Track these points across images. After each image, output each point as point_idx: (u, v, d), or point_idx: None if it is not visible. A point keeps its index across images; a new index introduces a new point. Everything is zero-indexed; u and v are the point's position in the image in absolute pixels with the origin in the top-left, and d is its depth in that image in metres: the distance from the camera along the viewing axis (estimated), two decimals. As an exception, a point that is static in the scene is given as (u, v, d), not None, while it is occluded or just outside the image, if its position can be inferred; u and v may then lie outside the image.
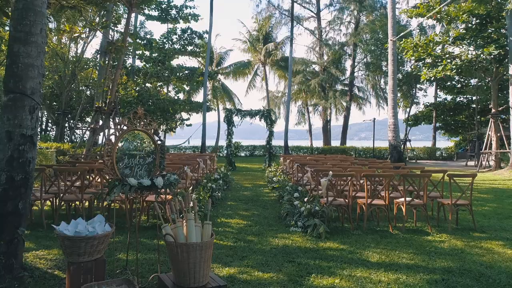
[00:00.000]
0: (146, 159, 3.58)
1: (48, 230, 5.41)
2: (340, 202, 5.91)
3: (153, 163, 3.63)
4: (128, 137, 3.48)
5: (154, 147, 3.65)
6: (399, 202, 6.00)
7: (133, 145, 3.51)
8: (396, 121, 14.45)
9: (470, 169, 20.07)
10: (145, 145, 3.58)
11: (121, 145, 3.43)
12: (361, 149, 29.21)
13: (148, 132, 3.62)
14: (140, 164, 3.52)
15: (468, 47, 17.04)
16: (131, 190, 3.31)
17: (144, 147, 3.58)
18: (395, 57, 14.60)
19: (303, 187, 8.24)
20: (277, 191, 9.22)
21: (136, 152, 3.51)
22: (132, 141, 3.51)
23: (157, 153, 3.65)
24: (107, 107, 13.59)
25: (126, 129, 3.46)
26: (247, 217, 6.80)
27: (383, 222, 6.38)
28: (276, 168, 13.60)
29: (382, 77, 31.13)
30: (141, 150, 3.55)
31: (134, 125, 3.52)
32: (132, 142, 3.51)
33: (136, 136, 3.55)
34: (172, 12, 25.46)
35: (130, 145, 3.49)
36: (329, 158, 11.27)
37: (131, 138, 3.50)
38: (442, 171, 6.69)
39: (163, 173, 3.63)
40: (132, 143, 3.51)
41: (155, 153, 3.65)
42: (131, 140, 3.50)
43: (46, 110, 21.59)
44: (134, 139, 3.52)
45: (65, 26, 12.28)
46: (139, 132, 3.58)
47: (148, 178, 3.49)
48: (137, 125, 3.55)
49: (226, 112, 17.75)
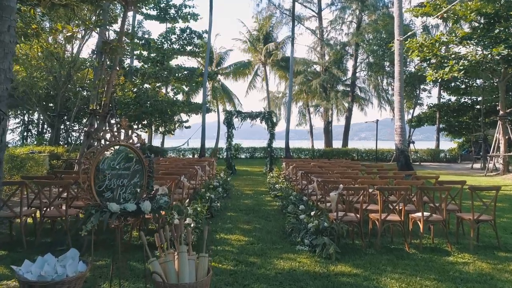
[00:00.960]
0: (132, 179, 3.04)
1: (29, 251, 4.88)
2: (351, 218, 5.37)
3: (139, 183, 3.10)
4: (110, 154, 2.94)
5: (141, 164, 3.11)
6: (416, 217, 5.46)
7: (116, 163, 2.97)
8: (403, 124, 13.91)
9: (476, 172, 19.54)
10: (131, 163, 3.04)
11: (101, 163, 2.89)
12: (363, 151, 28.65)
13: (134, 147, 3.08)
14: (124, 186, 2.98)
15: (476, 47, 16.49)
16: (113, 217, 2.77)
17: (129, 165, 3.04)
18: (401, 57, 14.05)
19: (308, 197, 7.72)
20: (280, 199, 8.69)
21: (120, 171, 2.97)
22: (115, 158, 2.96)
23: (144, 171, 3.11)
24: (102, 110, 13.06)
25: (107, 144, 2.92)
26: (249, 231, 6.26)
27: (397, 238, 5.84)
28: (278, 174, 13.06)
29: (384, 77, 30.57)
30: (125, 168, 3.01)
31: (117, 138, 2.98)
32: (115, 159, 2.96)
33: (119, 152, 3.01)
34: (171, 11, 24.92)
35: (111, 163, 2.95)
36: (334, 164, 10.73)
37: (113, 154, 2.96)
38: (460, 182, 6.16)
39: (151, 195, 3.09)
40: (115, 160, 2.97)
41: (142, 172, 3.11)
42: (113, 157, 2.95)
43: (40, 111, 21.03)
44: (117, 156, 2.97)
45: (57, 25, 11.72)
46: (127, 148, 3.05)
47: (133, 202, 2.95)
48: (120, 139, 3.01)
49: (226, 114, 17.20)
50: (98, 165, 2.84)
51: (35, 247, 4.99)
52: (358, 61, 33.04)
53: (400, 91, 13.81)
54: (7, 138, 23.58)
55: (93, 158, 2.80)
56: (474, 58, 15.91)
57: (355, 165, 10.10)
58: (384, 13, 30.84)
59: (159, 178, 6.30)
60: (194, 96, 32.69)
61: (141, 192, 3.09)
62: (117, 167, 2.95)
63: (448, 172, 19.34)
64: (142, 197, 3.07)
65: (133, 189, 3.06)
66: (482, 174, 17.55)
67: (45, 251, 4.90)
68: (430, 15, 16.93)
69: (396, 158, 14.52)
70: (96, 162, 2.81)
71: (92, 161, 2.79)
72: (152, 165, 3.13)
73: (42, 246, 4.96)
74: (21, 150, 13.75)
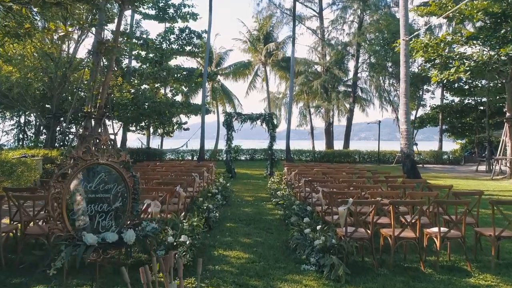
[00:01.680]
0: (113, 203, 2.59)
1: (7, 267, 4.42)
2: (361, 234, 4.92)
3: (122, 208, 2.64)
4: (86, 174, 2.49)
5: (124, 185, 2.66)
6: (432, 233, 5.01)
7: (94, 185, 2.52)
8: (409, 127, 13.44)
9: (481, 175, 19.10)
10: (112, 184, 2.59)
11: (76, 185, 2.44)
12: (365, 153, 28.19)
13: (116, 166, 2.63)
14: (103, 212, 2.53)
15: (482, 48, 16.03)
16: (88, 251, 2.32)
17: (110, 187, 2.59)
18: (407, 58, 13.57)
19: (312, 207, 7.27)
20: (282, 208, 8.24)
21: (98, 194, 2.52)
22: (92, 180, 2.51)
23: (128, 193, 2.65)
24: (97, 112, 12.61)
25: (83, 164, 2.47)
26: (250, 246, 5.81)
27: (411, 254, 5.39)
28: (279, 179, 12.60)
29: (386, 78, 30.11)
30: (105, 191, 2.55)
31: (95, 157, 2.53)
32: (92, 180, 2.51)
33: (98, 172, 2.56)
34: (170, 11, 24.49)
35: (89, 186, 2.50)
36: (338, 170, 10.27)
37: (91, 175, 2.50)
38: (477, 192, 5.71)
39: (136, 221, 2.64)
40: (92, 182, 2.52)
41: (125, 194, 2.65)
42: (91, 178, 2.50)
43: (35, 113, 20.58)
44: (95, 176, 2.52)
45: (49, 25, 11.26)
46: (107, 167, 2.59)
47: (115, 230, 2.50)
48: (100, 156, 2.55)
49: (225, 116, 16.74)
50: (72, 188, 2.39)
51: (15, 266, 4.55)
52: (359, 61, 32.61)
53: (406, 93, 13.35)
54: (2, 141, 23.16)
55: (65, 181, 2.35)
56: (481, 59, 15.46)
57: (361, 171, 9.65)
58: (386, 12, 30.40)
59: (153, 189, 5.86)
60: (193, 96, 32.23)
61: (125, 218, 2.64)
62: (95, 190, 2.50)
63: (453, 175, 18.91)
64: (125, 224, 2.62)
65: (115, 214, 2.61)
66: (489, 178, 17.10)
67: (25, 272, 4.46)
68: (435, 15, 16.48)
69: (402, 162, 14.06)
70: (69, 185, 2.37)
71: (64, 184, 2.35)
72: (137, 186, 2.68)
73: (23, 266, 4.52)
74: (13, 153, 13.30)
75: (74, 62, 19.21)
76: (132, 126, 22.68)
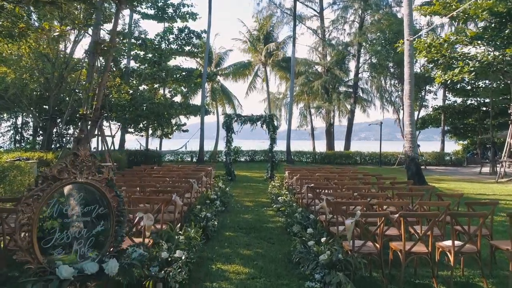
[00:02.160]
0: (93, 228, 2.26)
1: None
2: (369, 248, 4.59)
3: (104, 233, 2.31)
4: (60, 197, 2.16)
5: (107, 206, 2.33)
6: (445, 247, 4.68)
7: (70, 208, 2.19)
8: (413, 130, 13.10)
9: (485, 177, 18.76)
10: (92, 206, 2.26)
11: (49, 208, 2.11)
12: (366, 154, 27.86)
13: (97, 184, 2.30)
14: (82, 238, 2.20)
15: (487, 48, 15.71)
16: (63, 286, 1.99)
17: (91, 209, 2.26)
18: (412, 59, 13.21)
19: (315, 215, 6.93)
20: (284, 215, 7.92)
21: (76, 218, 2.19)
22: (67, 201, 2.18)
23: (111, 216, 2.32)
24: (93, 114, 12.30)
25: (59, 184, 2.14)
26: (250, 259, 5.48)
27: (422, 269, 5.06)
28: (279, 183, 12.27)
29: (388, 78, 29.77)
30: (84, 214, 2.22)
31: (72, 175, 2.20)
32: (67, 201, 2.18)
33: (76, 193, 2.22)
34: (169, 10, 24.15)
35: (64, 209, 2.17)
36: (342, 174, 9.93)
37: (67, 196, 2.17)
38: (492, 202, 5.38)
39: (120, 248, 2.31)
40: (69, 205, 2.19)
41: (108, 217, 2.32)
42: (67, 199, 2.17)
43: (31, 114, 20.25)
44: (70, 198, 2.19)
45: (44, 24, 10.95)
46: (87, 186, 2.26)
47: (96, 259, 2.17)
48: (79, 174, 2.22)
49: (225, 118, 16.39)
50: (44, 212, 2.06)
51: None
52: (360, 61, 32.29)
53: (411, 95, 13.00)
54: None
55: (36, 203, 2.02)
56: (486, 59, 15.14)
57: (365, 177, 9.31)
58: (387, 12, 30.08)
59: (147, 199, 5.53)
60: (192, 97, 31.90)
61: (107, 244, 2.31)
62: (73, 213, 2.17)
63: (457, 178, 18.58)
64: (108, 252, 2.29)
65: (96, 240, 2.27)
66: (493, 181, 16.76)
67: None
68: (439, 14, 16.16)
69: (407, 166, 13.73)
70: (40, 209, 2.04)
71: (35, 208, 2.02)
72: (122, 207, 2.36)
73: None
74: (7, 156, 12.96)
75: (71, 62, 18.89)
76: (130, 127, 22.35)
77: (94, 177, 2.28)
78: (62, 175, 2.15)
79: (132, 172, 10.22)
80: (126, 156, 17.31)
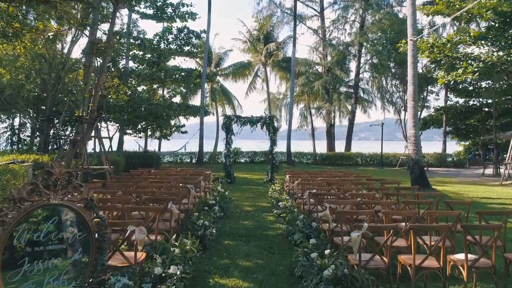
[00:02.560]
0: (70, 257, 1.98)
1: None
2: (377, 263, 4.31)
3: (83, 261, 2.03)
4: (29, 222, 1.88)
5: (85, 230, 2.05)
6: (457, 261, 4.40)
7: (42, 234, 1.91)
8: (417, 132, 12.81)
9: (489, 179, 18.49)
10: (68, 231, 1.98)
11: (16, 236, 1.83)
12: (367, 155, 27.59)
13: (74, 206, 2.01)
14: (55, 269, 1.91)
15: (491, 48, 15.43)
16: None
17: (66, 235, 1.97)
18: (415, 59, 12.92)
19: (318, 222, 6.65)
20: (285, 221, 7.63)
21: (48, 246, 1.91)
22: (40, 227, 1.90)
23: (91, 242, 2.04)
24: (89, 116, 12.00)
25: (27, 206, 1.85)
26: (249, 271, 5.19)
27: (432, 283, 4.77)
28: (280, 186, 11.98)
29: (389, 79, 29.48)
30: (58, 241, 1.94)
31: (45, 196, 1.91)
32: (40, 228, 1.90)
33: (49, 217, 1.94)
34: (168, 10, 23.83)
35: (34, 235, 1.89)
36: (344, 179, 9.64)
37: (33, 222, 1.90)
38: (506, 212, 5.10)
39: (101, 278, 2.03)
40: (40, 231, 1.91)
41: (87, 243, 2.04)
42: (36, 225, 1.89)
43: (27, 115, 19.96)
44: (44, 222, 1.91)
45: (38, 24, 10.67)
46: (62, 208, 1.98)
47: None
48: (52, 195, 1.94)
49: (224, 119, 16.11)
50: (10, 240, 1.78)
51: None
52: (361, 61, 32.02)
53: (414, 96, 12.71)
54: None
55: (3, 230, 1.74)
56: (490, 59, 14.85)
57: (369, 181, 9.03)
58: (388, 12, 29.80)
59: (141, 209, 5.25)
60: (192, 98, 31.62)
61: (86, 275, 2.03)
62: (45, 241, 1.89)
63: (460, 180, 18.31)
64: (87, 283, 2.01)
65: (74, 272, 1.99)
66: (497, 183, 16.47)
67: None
68: (442, 14, 15.87)
69: (410, 169, 13.45)
70: (6, 236, 1.75)
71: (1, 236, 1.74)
72: (103, 231, 2.07)
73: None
74: (1, 159, 12.67)
75: (69, 62, 18.59)
76: (129, 129, 22.07)
77: (71, 198, 2.00)
78: (32, 196, 1.87)
79: (128, 177, 9.93)
80: (124, 158, 17.03)
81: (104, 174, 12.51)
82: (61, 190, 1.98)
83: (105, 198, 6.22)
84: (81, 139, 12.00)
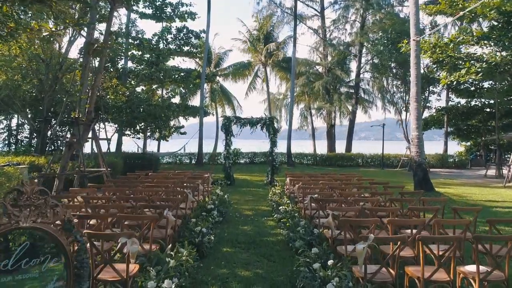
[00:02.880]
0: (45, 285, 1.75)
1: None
2: (384, 276, 4.08)
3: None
4: None
5: (62, 256, 1.82)
6: (468, 274, 4.16)
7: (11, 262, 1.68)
8: (420, 134, 12.58)
9: (491, 181, 18.26)
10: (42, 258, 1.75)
11: None
12: (368, 156, 27.36)
13: (48, 230, 1.78)
14: (26, 301, 1.68)
15: (495, 48, 15.20)
16: None
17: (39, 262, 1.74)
18: (418, 59, 12.69)
19: (319, 229, 6.42)
20: (286, 229, 7.39)
21: (18, 275, 1.68)
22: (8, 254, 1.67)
23: (69, 268, 1.81)
24: (85, 118, 11.76)
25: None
26: (248, 282, 4.97)
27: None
28: (280, 189, 11.74)
29: (390, 79, 29.25)
30: (29, 269, 1.71)
31: (14, 218, 1.68)
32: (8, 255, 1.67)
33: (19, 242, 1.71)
34: (167, 10, 23.60)
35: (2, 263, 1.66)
36: (346, 183, 9.40)
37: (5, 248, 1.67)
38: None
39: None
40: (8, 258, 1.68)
41: (64, 270, 1.81)
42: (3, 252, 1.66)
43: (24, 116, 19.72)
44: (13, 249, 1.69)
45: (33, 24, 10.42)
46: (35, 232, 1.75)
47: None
48: (23, 217, 1.71)
49: (224, 121, 15.89)
50: None
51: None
52: (362, 62, 31.79)
53: (417, 97, 12.49)
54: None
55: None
56: (494, 59, 14.62)
57: (372, 185, 8.79)
58: (389, 12, 29.57)
59: (135, 217, 5.02)
60: (191, 98, 31.39)
61: (62, 306, 1.79)
62: (14, 269, 1.65)
63: (462, 181, 18.08)
64: (63, 315, 1.78)
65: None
66: (501, 185, 16.24)
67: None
68: (445, 13, 15.65)
69: (413, 171, 13.22)
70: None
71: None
72: (82, 256, 1.84)
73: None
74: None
75: (67, 62, 18.35)
76: (127, 130, 21.84)
77: (45, 220, 1.77)
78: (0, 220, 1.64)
79: (124, 181, 9.70)
80: (122, 160, 16.79)
81: (101, 176, 12.28)
82: (33, 211, 1.75)
83: (98, 204, 5.99)
84: (77, 141, 11.76)
